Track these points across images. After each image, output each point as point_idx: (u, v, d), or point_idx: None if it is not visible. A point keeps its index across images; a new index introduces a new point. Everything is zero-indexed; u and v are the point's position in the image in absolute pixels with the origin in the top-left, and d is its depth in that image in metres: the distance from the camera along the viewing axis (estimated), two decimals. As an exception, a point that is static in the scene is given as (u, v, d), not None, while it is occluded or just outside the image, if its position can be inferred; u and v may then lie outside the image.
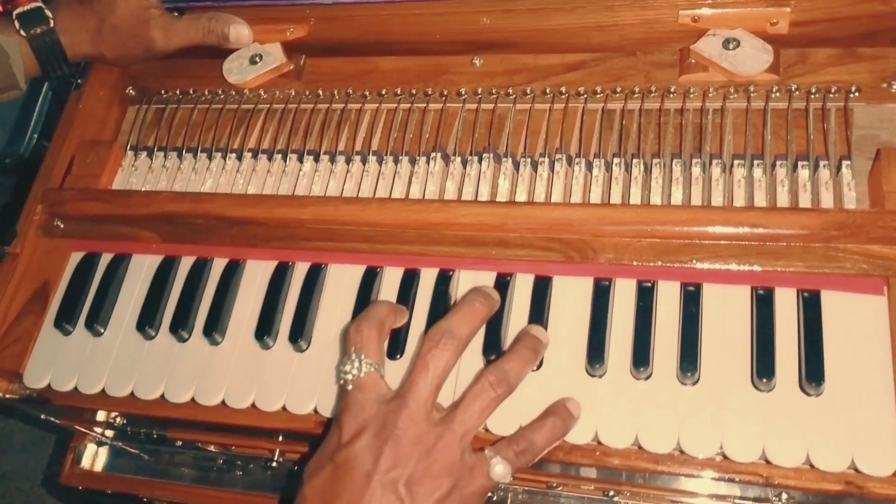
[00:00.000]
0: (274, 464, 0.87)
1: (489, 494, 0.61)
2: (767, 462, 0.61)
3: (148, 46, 0.87)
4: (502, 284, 0.71)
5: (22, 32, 0.83)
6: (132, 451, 0.95)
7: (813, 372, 0.62)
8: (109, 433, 0.93)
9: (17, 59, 0.84)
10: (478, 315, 0.65)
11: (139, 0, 0.84)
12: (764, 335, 0.64)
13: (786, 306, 0.65)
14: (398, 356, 0.70)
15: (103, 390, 0.76)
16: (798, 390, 0.62)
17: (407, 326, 0.71)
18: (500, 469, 0.60)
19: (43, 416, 0.85)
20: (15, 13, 0.83)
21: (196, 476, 0.94)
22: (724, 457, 0.62)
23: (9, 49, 0.83)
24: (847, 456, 0.59)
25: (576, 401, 0.64)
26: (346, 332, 0.65)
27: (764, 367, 0.63)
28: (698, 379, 0.64)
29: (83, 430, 0.93)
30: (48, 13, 0.84)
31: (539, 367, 0.67)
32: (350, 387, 0.62)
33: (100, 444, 0.96)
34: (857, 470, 0.60)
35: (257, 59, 0.87)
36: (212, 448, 0.91)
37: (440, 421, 0.60)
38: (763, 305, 0.66)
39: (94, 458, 0.96)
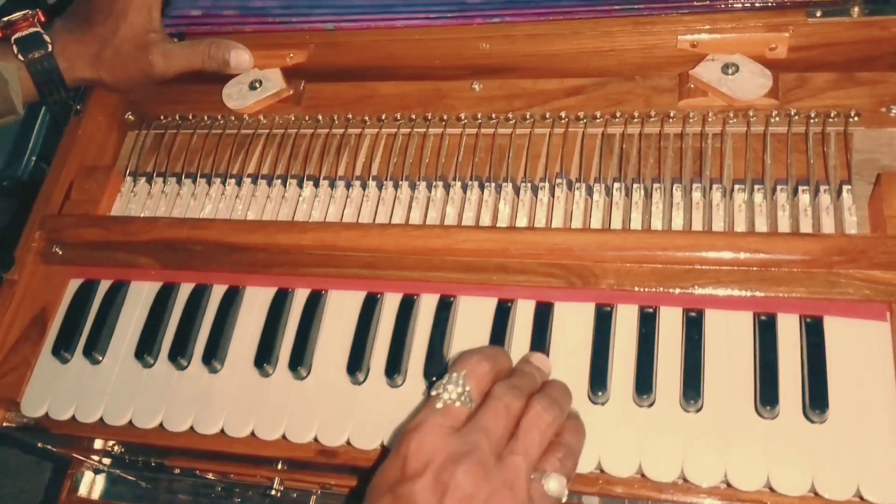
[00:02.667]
0: (273, 492, 0.86)
1: None
2: (772, 490, 0.61)
3: (148, 71, 0.87)
4: (503, 310, 0.71)
5: (20, 57, 0.83)
6: (130, 478, 0.94)
7: (816, 399, 0.61)
8: (107, 461, 0.92)
9: (15, 85, 0.84)
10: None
11: (142, 24, 0.84)
12: (767, 361, 0.64)
13: (788, 332, 0.65)
14: (397, 376, 0.70)
15: (101, 419, 0.75)
16: (802, 417, 0.62)
17: (408, 352, 0.71)
18: (553, 484, 0.56)
19: (40, 444, 0.85)
20: (13, 38, 0.83)
21: (193, 504, 0.93)
22: (729, 485, 0.62)
23: (7, 75, 0.83)
24: (852, 484, 0.59)
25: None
26: (465, 355, 0.61)
27: (767, 394, 0.62)
28: (702, 406, 0.64)
29: (80, 457, 0.92)
30: (46, 38, 0.84)
31: (541, 394, 0.67)
32: (440, 405, 0.59)
33: (97, 471, 0.95)
34: (861, 498, 0.59)
35: (257, 85, 0.87)
36: (210, 476, 0.90)
37: (504, 454, 0.57)
38: (765, 331, 0.65)
39: (92, 485, 0.94)
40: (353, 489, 0.81)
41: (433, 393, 0.60)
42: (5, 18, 0.84)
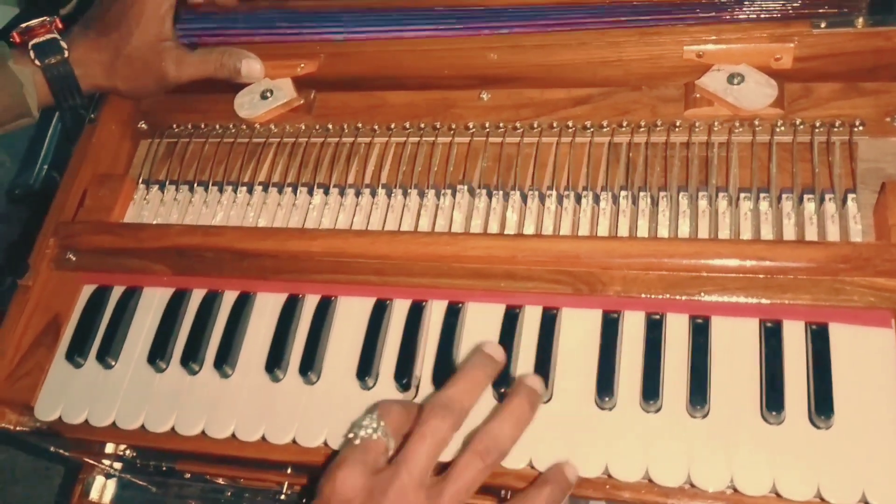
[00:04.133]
0: (282, 496, 0.87)
1: None
2: (778, 495, 0.61)
3: (161, 78, 0.88)
4: (511, 317, 0.72)
5: (37, 62, 0.85)
6: (140, 483, 0.95)
7: (822, 405, 0.62)
8: (118, 465, 0.93)
9: (30, 88, 0.85)
10: (480, 384, 0.62)
11: (155, 32, 0.86)
12: (773, 368, 0.64)
13: (794, 339, 0.66)
14: (406, 381, 0.71)
15: (114, 423, 0.76)
16: (808, 423, 0.63)
17: (417, 357, 0.72)
18: None
19: (52, 449, 0.86)
20: (31, 44, 0.85)
21: (203, 509, 0.94)
22: (735, 490, 0.62)
23: (23, 78, 0.85)
24: (857, 489, 0.59)
25: (572, 465, 0.63)
26: (379, 405, 0.63)
27: (773, 399, 0.63)
28: (708, 412, 0.64)
29: (92, 462, 0.93)
30: (63, 44, 0.85)
31: (549, 399, 0.68)
32: (357, 441, 0.60)
33: (108, 476, 0.96)
34: (867, 503, 0.59)
35: (268, 94, 0.88)
36: (220, 480, 0.91)
37: (431, 493, 0.57)
38: (771, 338, 0.66)
39: (103, 490, 0.95)
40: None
41: (350, 435, 0.61)
42: (23, 24, 0.85)
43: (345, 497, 0.57)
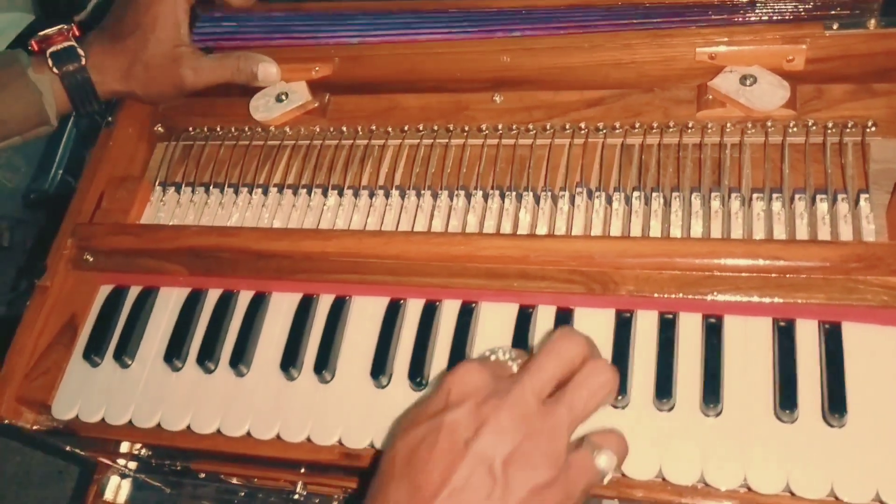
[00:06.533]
0: (296, 496, 0.87)
1: None
2: (791, 494, 0.61)
3: (178, 83, 0.89)
4: (524, 316, 0.72)
5: (55, 70, 0.86)
6: (155, 483, 0.95)
7: (836, 403, 0.62)
8: (133, 465, 0.93)
9: (49, 97, 0.86)
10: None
11: (171, 38, 0.87)
12: (786, 367, 0.65)
13: (807, 338, 0.66)
14: (420, 380, 0.71)
15: (130, 421, 0.77)
16: (821, 422, 0.63)
17: (430, 356, 0.73)
18: (604, 460, 0.56)
19: (68, 448, 0.86)
20: (49, 51, 0.86)
21: (217, 509, 0.94)
22: (748, 489, 0.62)
23: (42, 87, 0.86)
24: (872, 488, 0.59)
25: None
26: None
27: (786, 398, 0.63)
28: (721, 410, 0.65)
29: (107, 461, 0.94)
30: (80, 52, 0.86)
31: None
32: (493, 358, 0.59)
33: (123, 476, 0.97)
34: (881, 502, 0.59)
35: (283, 97, 0.89)
36: (234, 480, 0.91)
37: (548, 403, 0.56)
38: (784, 337, 0.66)
39: (118, 490, 0.96)
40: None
41: (486, 353, 0.60)
42: (41, 33, 0.86)
43: (466, 390, 0.56)
